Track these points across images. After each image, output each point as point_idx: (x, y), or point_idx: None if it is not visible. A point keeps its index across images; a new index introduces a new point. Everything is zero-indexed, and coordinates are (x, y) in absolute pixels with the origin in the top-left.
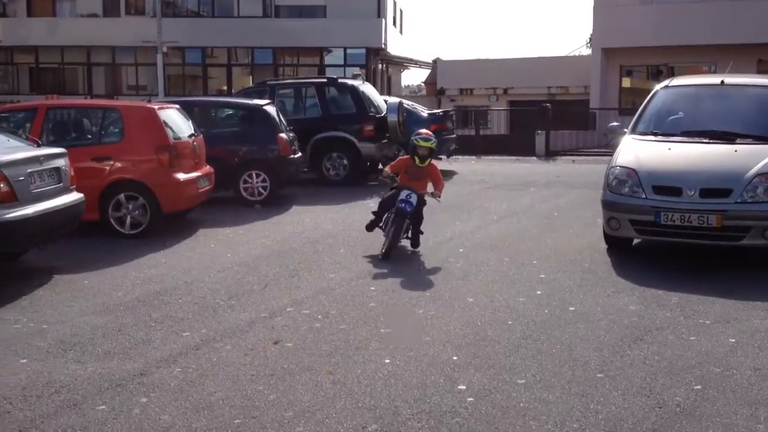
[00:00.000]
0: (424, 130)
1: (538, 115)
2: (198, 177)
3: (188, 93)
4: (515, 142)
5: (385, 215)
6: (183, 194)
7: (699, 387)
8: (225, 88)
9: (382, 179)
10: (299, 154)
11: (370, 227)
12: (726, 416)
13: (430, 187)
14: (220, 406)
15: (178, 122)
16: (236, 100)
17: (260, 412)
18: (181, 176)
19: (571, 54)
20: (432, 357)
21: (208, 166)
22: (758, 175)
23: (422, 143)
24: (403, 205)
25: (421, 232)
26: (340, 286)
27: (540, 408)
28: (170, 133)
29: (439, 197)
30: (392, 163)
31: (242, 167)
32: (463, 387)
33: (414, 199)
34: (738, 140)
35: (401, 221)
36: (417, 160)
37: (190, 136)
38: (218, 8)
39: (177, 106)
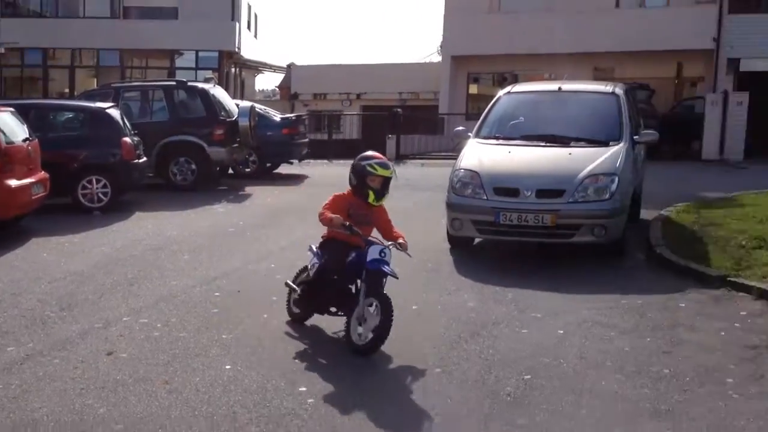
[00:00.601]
0: (373, 152)
1: (389, 119)
2: (31, 183)
3: (26, 96)
4: (367, 146)
5: (327, 289)
6: (14, 201)
7: (529, 377)
8: (67, 91)
9: (334, 225)
10: (144, 158)
11: (300, 313)
12: (552, 403)
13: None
14: (44, 423)
15: (11, 126)
16: (76, 103)
17: (88, 426)
18: (13, 182)
19: (423, 61)
20: (274, 361)
21: (43, 172)
22: (589, 176)
23: (380, 171)
24: (383, 266)
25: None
26: (183, 293)
27: (383, 405)
28: (2, 138)
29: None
30: (325, 203)
31: (81, 172)
32: (304, 389)
33: (390, 256)
34: (572, 143)
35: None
36: (371, 196)
37: (25, 140)
38: (62, 8)
39: (11, 109)
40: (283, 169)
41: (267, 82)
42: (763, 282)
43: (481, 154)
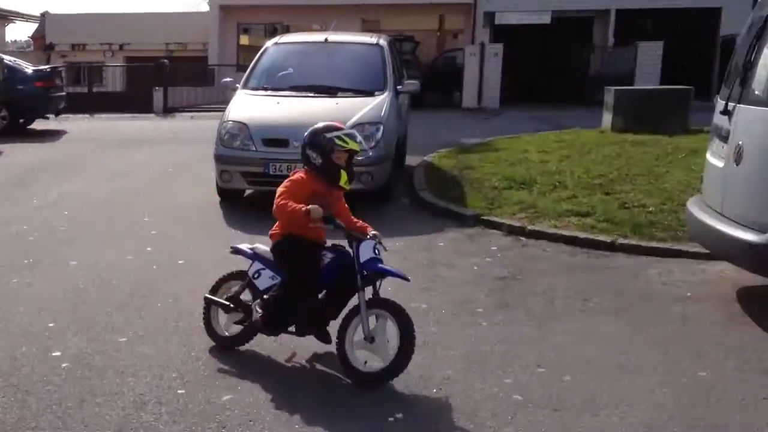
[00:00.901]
0: (329, 123)
1: (155, 71)
2: None
3: None
4: (132, 100)
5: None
6: None
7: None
8: None
9: (312, 219)
10: None
11: (236, 337)
12: (320, 348)
13: None
14: None
15: None
16: None
17: None
18: None
19: (190, 10)
20: (24, 327)
21: None
22: (355, 125)
23: (351, 144)
24: (380, 265)
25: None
26: None
27: (140, 363)
28: None
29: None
30: (282, 189)
31: None
32: (58, 353)
33: (382, 252)
34: (339, 94)
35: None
36: (343, 177)
37: None
38: None
39: None
40: (38, 124)
41: (19, 32)
42: (512, 219)
43: (249, 106)
